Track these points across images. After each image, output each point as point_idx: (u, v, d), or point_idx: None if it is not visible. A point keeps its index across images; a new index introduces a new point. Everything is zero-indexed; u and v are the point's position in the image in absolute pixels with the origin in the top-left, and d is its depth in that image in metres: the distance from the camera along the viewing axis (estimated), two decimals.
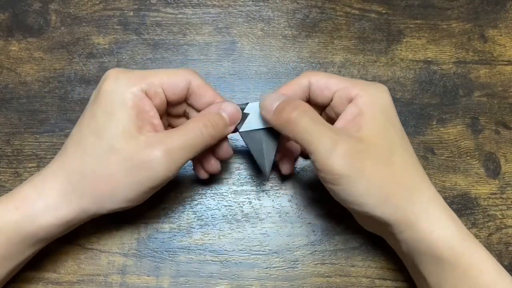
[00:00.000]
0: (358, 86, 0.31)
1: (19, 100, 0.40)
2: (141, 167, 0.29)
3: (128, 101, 0.29)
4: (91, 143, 0.29)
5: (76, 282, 0.35)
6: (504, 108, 0.42)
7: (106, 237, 0.37)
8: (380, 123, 0.30)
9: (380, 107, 0.31)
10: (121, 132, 0.29)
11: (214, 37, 0.43)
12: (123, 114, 0.29)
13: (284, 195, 0.38)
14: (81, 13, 0.43)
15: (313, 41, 0.43)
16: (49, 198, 0.29)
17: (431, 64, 0.43)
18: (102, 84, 0.30)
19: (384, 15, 0.44)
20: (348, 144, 0.28)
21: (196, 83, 0.32)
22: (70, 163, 0.29)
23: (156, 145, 0.29)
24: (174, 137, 0.30)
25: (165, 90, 0.31)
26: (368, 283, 0.36)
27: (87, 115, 0.30)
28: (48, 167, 0.30)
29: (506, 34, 0.44)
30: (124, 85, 0.29)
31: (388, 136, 0.30)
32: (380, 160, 0.29)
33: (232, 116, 0.32)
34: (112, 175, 0.29)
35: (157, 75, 0.31)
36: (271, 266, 0.36)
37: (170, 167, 0.29)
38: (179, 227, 0.37)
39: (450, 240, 0.29)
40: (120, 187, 0.29)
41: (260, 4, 0.44)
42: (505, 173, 0.40)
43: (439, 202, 0.30)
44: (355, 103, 0.31)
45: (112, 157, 0.29)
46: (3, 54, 0.42)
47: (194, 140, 0.30)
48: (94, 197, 0.29)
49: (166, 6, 0.44)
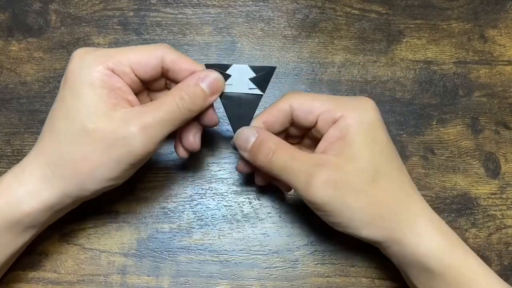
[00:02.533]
0: (342, 107, 0.30)
1: (19, 100, 0.40)
2: (117, 145, 0.28)
3: (96, 80, 0.29)
4: (64, 126, 0.29)
5: (76, 282, 0.35)
6: (504, 108, 0.42)
7: (106, 237, 0.37)
8: (363, 145, 0.29)
9: (363, 127, 0.30)
10: (92, 112, 0.28)
11: (214, 37, 0.43)
12: (92, 94, 0.28)
13: (284, 195, 0.38)
14: (81, 13, 0.43)
15: (313, 41, 0.43)
16: (30, 184, 0.29)
17: (431, 64, 0.43)
18: (68, 66, 0.30)
19: (384, 15, 0.44)
20: (326, 175, 0.29)
21: (170, 58, 0.31)
22: (46, 149, 0.29)
23: (131, 121, 0.28)
24: (150, 112, 0.29)
25: (134, 69, 0.30)
26: (368, 283, 0.36)
27: (58, 99, 0.30)
28: (27, 156, 0.30)
29: (506, 34, 0.44)
30: (89, 65, 0.29)
31: (371, 157, 0.29)
32: (362, 184, 0.29)
33: (213, 86, 0.31)
34: (89, 156, 0.28)
35: (125, 53, 0.30)
36: (271, 266, 0.36)
37: (147, 142, 0.29)
38: (179, 227, 0.37)
39: (437, 252, 0.29)
40: (99, 167, 0.29)
41: (260, 4, 0.44)
42: (505, 173, 0.40)
43: (426, 214, 0.30)
44: (338, 125, 0.30)
45: (87, 138, 0.28)
46: (3, 54, 0.42)
47: (171, 114, 0.29)
48: (74, 179, 0.29)
49: (166, 6, 0.44)
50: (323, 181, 0.29)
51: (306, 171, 0.29)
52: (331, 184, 0.29)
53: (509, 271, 0.37)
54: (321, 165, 0.29)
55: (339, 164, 0.29)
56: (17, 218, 0.29)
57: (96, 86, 0.29)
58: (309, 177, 0.29)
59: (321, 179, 0.29)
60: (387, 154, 0.30)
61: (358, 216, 0.29)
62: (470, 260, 0.29)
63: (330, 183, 0.29)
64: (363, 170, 0.29)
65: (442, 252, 0.29)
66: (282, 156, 0.30)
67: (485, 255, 0.37)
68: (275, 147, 0.30)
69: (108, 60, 0.29)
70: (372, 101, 0.31)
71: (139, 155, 0.29)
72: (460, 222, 0.38)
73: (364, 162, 0.29)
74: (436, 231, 0.30)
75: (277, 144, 0.30)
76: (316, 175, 0.29)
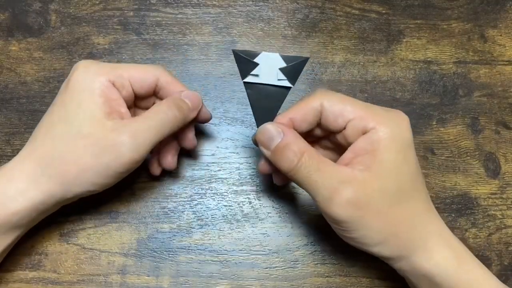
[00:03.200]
0: (376, 118, 0.29)
1: (19, 100, 0.40)
2: (107, 151, 0.30)
3: (96, 89, 0.30)
4: (60, 129, 0.30)
5: (76, 282, 0.35)
6: (504, 108, 0.42)
7: (106, 237, 0.37)
8: (392, 164, 0.28)
9: (395, 144, 0.28)
10: (88, 118, 0.30)
11: (214, 37, 0.43)
12: (91, 101, 0.30)
13: (284, 195, 0.38)
14: (81, 13, 0.43)
15: (313, 41, 0.43)
16: (19, 182, 0.30)
17: (431, 64, 0.43)
18: (72, 74, 0.31)
19: (384, 15, 0.44)
20: (349, 193, 0.28)
21: (164, 79, 0.33)
22: (39, 149, 0.30)
23: (122, 129, 0.30)
24: (139, 121, 0.31)
25: (132, 84, 0.32)
26: (368, 283, 0.36)
27: (57, 103, 0.31)
28: (17, 156, 0.31)
29: (506, 34, 0.44)
30: (92, 75, 0.31)
31: (398, 178, 0.28)
32: (384, 205, 0.28)
33: (194, 102, 0.33)
34: (80, 159, 0.30)
35: (127, 69, 0.32)
36: (271, 266, 0.36)
37: (136, 150, 0.30)
38: (179, 227, 0.37)
39: (446, 268, 0.29)
40: (88, 171, 0.30)
41: (260, 4, 0.44)
42: (505, 173, 0.40)
43: (438, 230, 0.30)
44: (368, 137, 0.28)
45: (80, 142, 0.30)
46: (3, 54, 0.42)
47: (159, 121, 0.31)
48: (62, 180, 0.30)
49: (166, 6, 0.44)
50: (346, 200, 0.28)
51: (330, 186, 0.28)
52: (354, 204, 0.28)
53: (509, 271, 0.37)
54: (346, 182, 0.28)
55: (365, 182, 0.28)
56: (4, 217, 0.29)
57: (95, 95, 0.30)
58: (333, 193, 0.28)
59: (344, 197, 0.28)
60: (413, 174, 0.29)
61: (374, 235, 0.29)
62: (480, 273, 0.29)
63: (352, 202, 0.28)
64: (388, 191, 0.28)
65: (451, 267, 0.29)
66: (307, 166, 0.28)
67: (485, 255, 0.37)
68: (301, 155, 0.28)
69: (110, 73, 0.31)
70: (406, 117, 0.30)
71: (127, 162, 0.30)
72: (460, 222, 0.38)
73: (391, 183, 0.28)
74: (445, 247, 0.29)
75: (303, 151, 0.29)
76: (340, 193, 0.28)
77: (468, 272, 0.29)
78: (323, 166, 0.28)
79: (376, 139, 0.28)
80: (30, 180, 0.30)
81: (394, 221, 0.29)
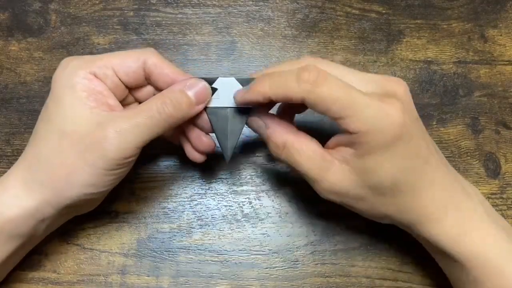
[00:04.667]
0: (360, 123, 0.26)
1: (19, 100, 0.40)
2: (92, 148, 0.28)
3: (76, 84, 0.29)
4: (43, 131, 0.29)
5: (76, 282, 0.35)
6: (504, 108, 0.42)
7: (106, 237, 0.37)
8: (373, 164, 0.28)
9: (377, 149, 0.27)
10: (70, 115, 0.28)
11: (214, 37, 0.43)
12: (71, 97, 0.28)
13: (284, 195, 0.38)
14: (81, 13, 0.43)
15: (313, 41, 0.43)
16: (13, 189, 0.29)
17: (431, 64, 0.43)
18: (56, 70, 0.30)
19: (384, 15, 0.44)
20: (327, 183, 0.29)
21: (152, 61, 0.30)
22: (28, 154, 0.30)
23: (107, 125, 0.28)
24: (128, 117, 0.28)
25: (117, 72, 0.30)
26: (368, 283, 0.36)
27: (45, 105, 0.30)
28: (16, 162, 0.30)
29: (506, 34, 0.44)
30: (72, 70, 0.29)
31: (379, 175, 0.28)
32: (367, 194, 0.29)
33: (200, 94, 0.30)
34: (65, 159, 0.28)
35: (108, 57, 0.30)
36: (271, 266, 0.36)
37: (123, 147, 0.28)
38: (179, 227, 0.37)
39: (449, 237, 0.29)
40: (75, 172, 0.28)
41: (260, 4, 0.44)
42: (505, 173, 0.40)
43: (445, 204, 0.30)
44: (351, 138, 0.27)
45: (64, 141, 0.28)
46: (3, 54, 0.42)
47: (150, 120, 0.28)
48: (52, 184, 0.28)
49: (166, 6, 0.44)
50: (326, 189, 0.29)
51: (312, 173, 0.29)
52: (334, 192, 0.29)
53: None
54: (324, 172, 0.29)
55: (343, 174, 0.29)
56: (2, 223, 0.28)
57: (76, 90, 0.28)
58: (315, 181, 0.29)
59: (324, 186, 0.29)
60: (399, 168, 0.28)
61: (365, 214, 0.31)
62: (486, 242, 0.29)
63: (332, 190, 0.29)
64: (368, 186, 0.28)
65: (454, 235, 0.29)
66: (289, 157, 0.29)
67: None
68: (282, 147, 0.30)
69: (91, 65, 0.29)
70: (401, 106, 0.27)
71: (113, 160, 0.28)
72: None
73: (371, 180, 0.28)
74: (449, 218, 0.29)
75: (284, 142, 0.29)
76: (320, 181, 0.29)
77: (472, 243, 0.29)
78: (303, 156, 0.29)
79: (357, 143, 0.27)
80: (22, 187, 0.29)
81: (382, 207, 0.29)
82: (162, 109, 0.29)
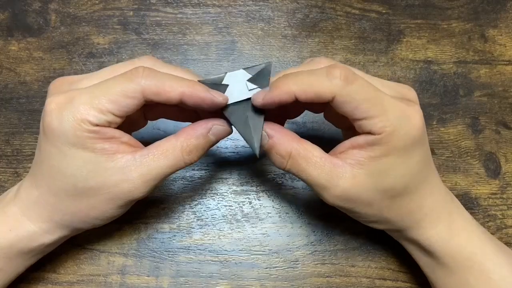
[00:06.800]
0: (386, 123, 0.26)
1: (18, 100, 0.40)
2: (121, 197, 0.28)
3: (86, 142, 0.27)
4: (63, 185, 0.28)
5: (76, 282, 0.35)
6: (504, 108, 0.42)
7: (106, 237, 0.37)
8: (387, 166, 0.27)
9: (395, 151, 0.27)
10: (91, 170, 0.27)
11: (214, 37, 0.43)
12: (86, 155, 0.27)
13: (284, 195, 0.38)
14: (81, 13, 0.43)
15: (313, 41, 0.43)
16: (40, 224, 0.29)
17: (431, 64, 0.43)
18: (45, 119, 0.27)
19: (384, 15, 0.44)
20: (338, 190, 0.28)
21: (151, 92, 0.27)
22: (48, 199, 0.29)
23: (133, 173, 0.27)
24: (153, 163, 0.28)
25: (116, 114, 0.27)
26: (368, 283, 0.36)
27: (44, 152, 0.28)
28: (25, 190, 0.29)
29: (506, 34, 0.44)
30: (72, 126, 0.26)
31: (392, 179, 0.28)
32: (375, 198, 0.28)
33: (221, 137, 0.30)
34: (95, 206, 0.29)
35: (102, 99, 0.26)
36: (271, 266, 0.36)
37: (150, 190, 0.29)
38: (179, 227, 0.37)
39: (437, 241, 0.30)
40: (106, 212, 0.29)
41: (260, 4, 0.44)
42: (506, 173, 0.40)
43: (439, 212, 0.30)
44: (370, 140, 0.27)
45: (91, 192, 0.28)
46: (3, 54, 0.42)
47: (174, 162, 0.28)
48: (84, 222, 0.30)
49: (166, 6, 0.44)
50: (335, 196, 0.28)
51: (319, 183, 0.28)
52: (343, 198, 0.28)
53: None
54: (335, 179, 0.28)
55: (354, 179, 0.28)
56: (30, 249, 0.30)
57: (88, 146, 0.27)
58: (322, 189, 0.28)
59: (333, 193, 0.28)
60: (412, 174, 0.28)
61: (367, 218, 0.30)
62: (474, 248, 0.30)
63: (341, 197, 0.28)
64: (379, 190, 0.28)
65: (442, 240, 0.30)
66: (295, 167, 0.28)
67: None
68: (288, 157, 0.28)
69: (89, 115, 0.26)
70: (421, 114, 0.28)
71: (141, 198, 0.29)
72: None
73: (383, 183, 0.28)
74: (439, 223, 0.30)
75: (289, 152, 0.28)
76: (329, 189, 0.28)
77: (460, 244, 0.30)
78: (311, 163, 0.28)
79: (378, 144, 0.27)
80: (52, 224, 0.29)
81: (386, 211, 0.29)
82: (187, 157, 0.28)
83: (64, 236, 0.31)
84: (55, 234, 0.30)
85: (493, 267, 0.29)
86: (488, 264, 0.29)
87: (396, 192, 0.28)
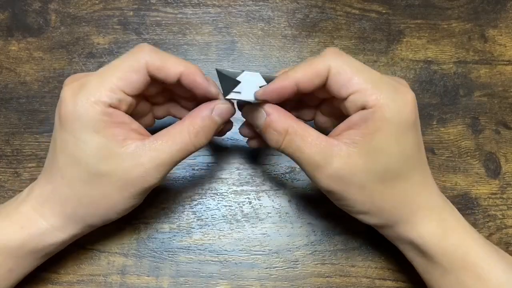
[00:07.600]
0: (379, 96, 0.27)
1: (18, 100, 0.40)
2: (133, 183, 0.29)
3: (99, 125, 0.27)
4: (75, 173, 0.28)
5: (76, 282, 0.35)
6: (504, 108, 0.42)
7: (106, 237, 0.37)
8: (382, 144, 0.28)
9: (390, 127, 0.28)
10: (103, 156, 0.28)
11: (214, 37, 0.43)
12: (98, 139, 0.28)
13: (284, 195, 0.38)
14: (81, 13, 0.43)
15: (313, 41, 0.43)
16: (53, 219, 0.30)
17: (431, 64, 0.43)
18: (61, 106, 0.28)
19: (384, 15, 0.44)
20: (332, 168, 0.28)
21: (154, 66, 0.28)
22: (63, 191, 0.29)
23: (144, 159, 0.28)
24: (163, 147, 0.29)
25: (126, 92, 0.28)
26: (368, 283, 0.36)
27: (58, 140, 0.29)
28: (39, 187, 0.30)
29: (506, 34, 0.44)
30: (86, 108, 0.27)
31: (387, 159, 0.28)
32: (368, 181, 0.28)
33: (225, 116, 0.30)
34: (108, 195, 0.29)
35: (110, 77, 0.28)
36: (271, 266, 0.36)
37: (162, 176, 0.29)
38: (179, 227, 0.37)
39: (430, 239, 0.30)
40: (119, 202, 0.29)
41: (260, 4, 0.44)
42: (506, 173, 0.40)
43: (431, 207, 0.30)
44: (365, 115, 0.28)
45: (102, 180, 0.28)
46: (3, 54, 0.42)
47: (184, 146, 0.29)
48: (97, 215, 0.30)
49: (166, 6, 0.44)
50: (328, 175, 0.28)
51: (314, 161, 0.28)
52: (336, 178, 0.28)
53: None
54: (329, 157, 0.28)
55: (349, 158, 0.28)
56: (40, 248, 0.30)
57: (100, 130, 0.27)
58: (316, 168, 0.28)
59: (326, 172, 0.28)
60: (407, 156, 0.29)
61: (358, 206, 0.30)
62: (467, 242, 0.30)
63: (334, 177, 0.28)
64: (373, 170, 0.28)
65: (434, 238, 0.30)
66: (291, 145, 0.29)
67: None
68: (284, 134, 0.29)
69: (101, 95, 0.27)
70: (413, 97, 0.29)
71: (153, 186, 0.30)
72: None
73: (377, 163, 0.28)
74: (432, 219, 0.30)
75: (286, 129, 0.29)
76: (323, 168, 0.28)
77: (453, 244, 0.30)
78: (307, 142, 0.28)
79: (372, 118, 0.27)
80: (64, 219, 0.30)
81: (379, 197, 0.29)
82: (195, 139, 0.29)
83: (74, 235, 0.31)
84: (66, 232, 0.30)
85: (487, 267, 0.29)
86: (483, 264, 0.29)
87: (389, 175, 0.29)
